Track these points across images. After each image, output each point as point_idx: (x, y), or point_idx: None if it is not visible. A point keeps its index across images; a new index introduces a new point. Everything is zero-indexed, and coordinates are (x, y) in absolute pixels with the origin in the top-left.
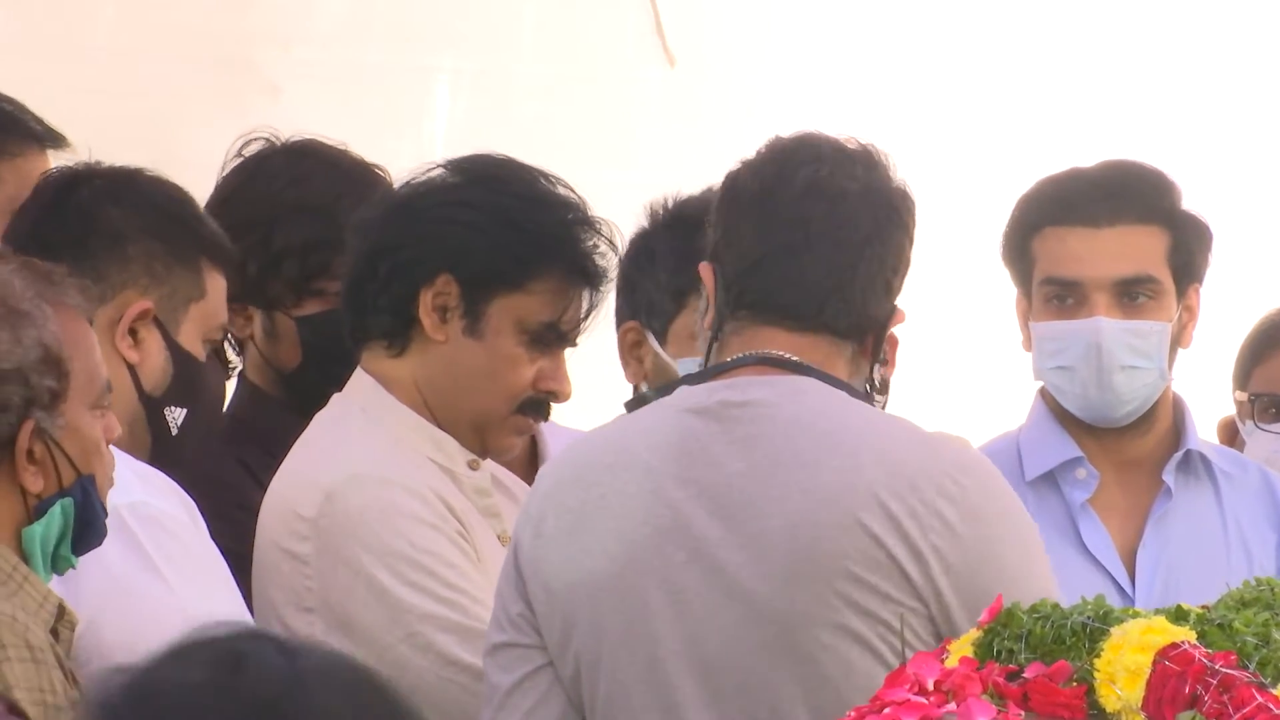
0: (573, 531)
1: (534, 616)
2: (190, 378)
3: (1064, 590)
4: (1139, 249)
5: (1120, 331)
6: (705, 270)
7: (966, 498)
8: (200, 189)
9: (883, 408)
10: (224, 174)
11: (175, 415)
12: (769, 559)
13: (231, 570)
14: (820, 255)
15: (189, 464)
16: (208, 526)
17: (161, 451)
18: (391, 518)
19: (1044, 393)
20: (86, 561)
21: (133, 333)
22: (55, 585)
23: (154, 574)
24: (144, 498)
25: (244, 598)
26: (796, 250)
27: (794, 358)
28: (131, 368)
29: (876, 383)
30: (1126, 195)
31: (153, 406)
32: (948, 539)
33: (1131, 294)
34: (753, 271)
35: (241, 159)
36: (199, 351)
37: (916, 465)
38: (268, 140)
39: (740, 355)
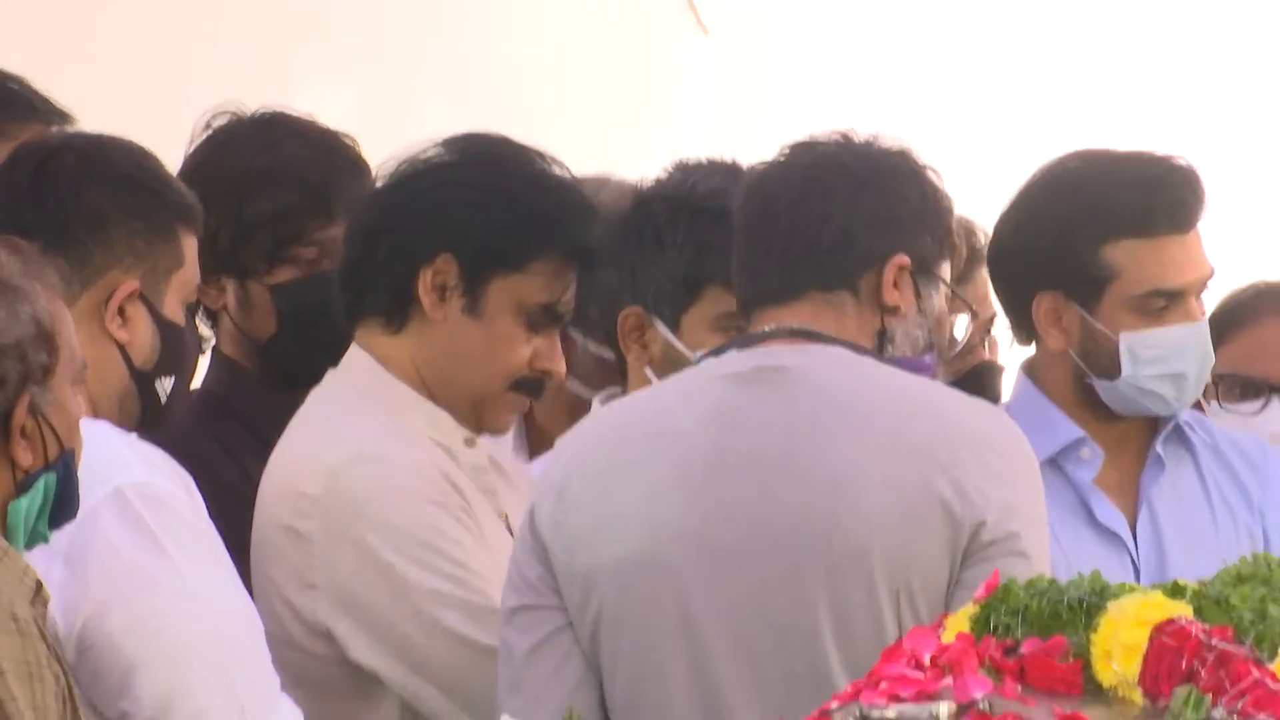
0: (600, 494)
1: (553, 579)
2: (177, 347)
3: (1085, 569)
4: (1203, 247)
5: (1207, 327)
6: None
7: (1013, 459)
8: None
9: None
10: (191, 148)
11: (165, 385)
12: (809, 516)
13: None
14: (781, 227)
15: (168, 438)
16: None
17: (150, 419)
18: (397, 496)
19: (1031, 373)
20: (93, 545)
21: (121, 312)
22: (60, 569)
23: (162, 556)
24: (147, 478)
25: None
26: (765, 233)
27: (820, 330)
28: (122, 347)
29: (890, 333)
30: (1193, 191)
31: (144, 380)
32: (993, 483)
33: (1200, 293)
34: (741, 273)
35: (209, 131)
36: (180, 318)
37: (964, 423)
38: (233, 113)
39: (764, 330)
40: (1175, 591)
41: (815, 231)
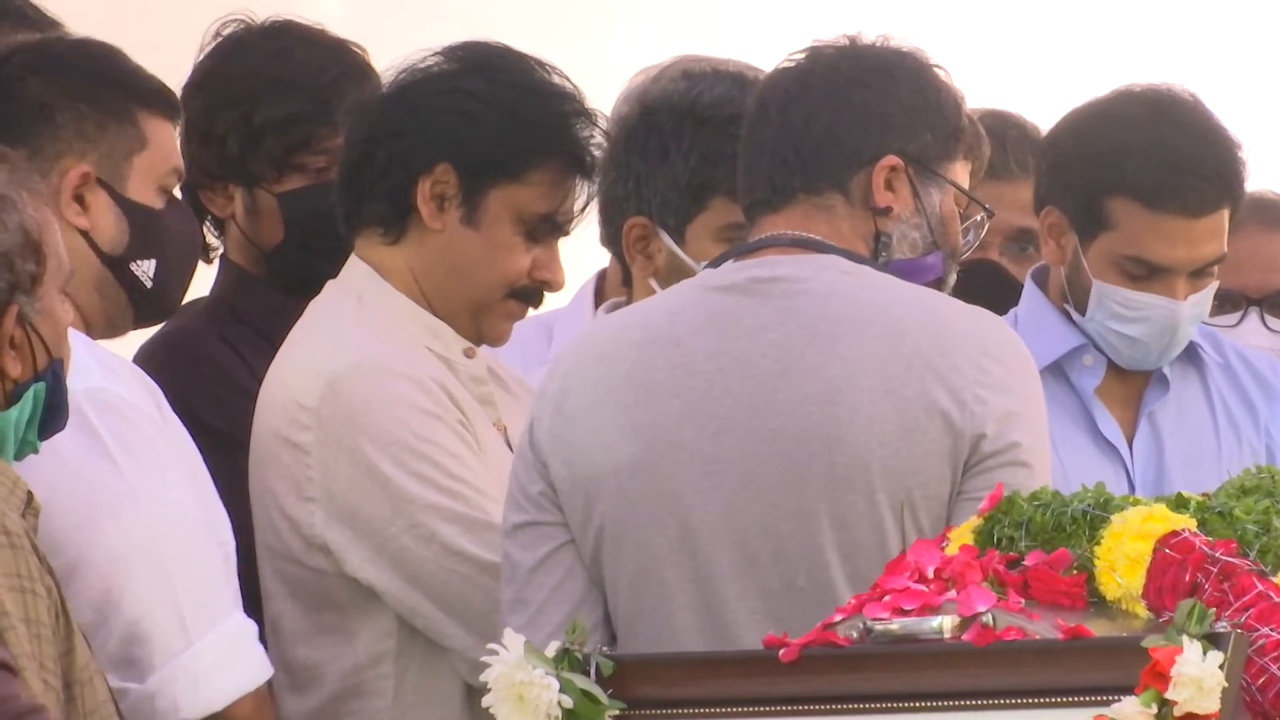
0: (597, 407)
1: (555, 494)
2: (149, 228)
3: (1081, 478)
4: (1220, 232)
5: (1191, 308)
6: None
7: (1011, 363)
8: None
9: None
10: (201, 56)
11: (144, 268)
12: (807, 426)
13: (223, 451)
14: (771, 132)
15: (177, 342)
16: (199, 407)
17: (144, 306)
18: (395, 407)
19: (1038, 280)
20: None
21: (80, 199)
22: None
23: (106, 459)
24: (102, 383)
25: (235, 477)
26: (759, 139)
27: (815, 236)
28: (85, 234)
29: (885, 237)
30: (1222, 183)
31: (117, 265)
32: (992, 390)
33: (1205, 272)
34: (741, 182)
35: (219, 39)
36: (154, 200)
37: (961, 329)
38: (243, 22)
39: (759, 239)
40: (1179, 504)
41: (801, 134)
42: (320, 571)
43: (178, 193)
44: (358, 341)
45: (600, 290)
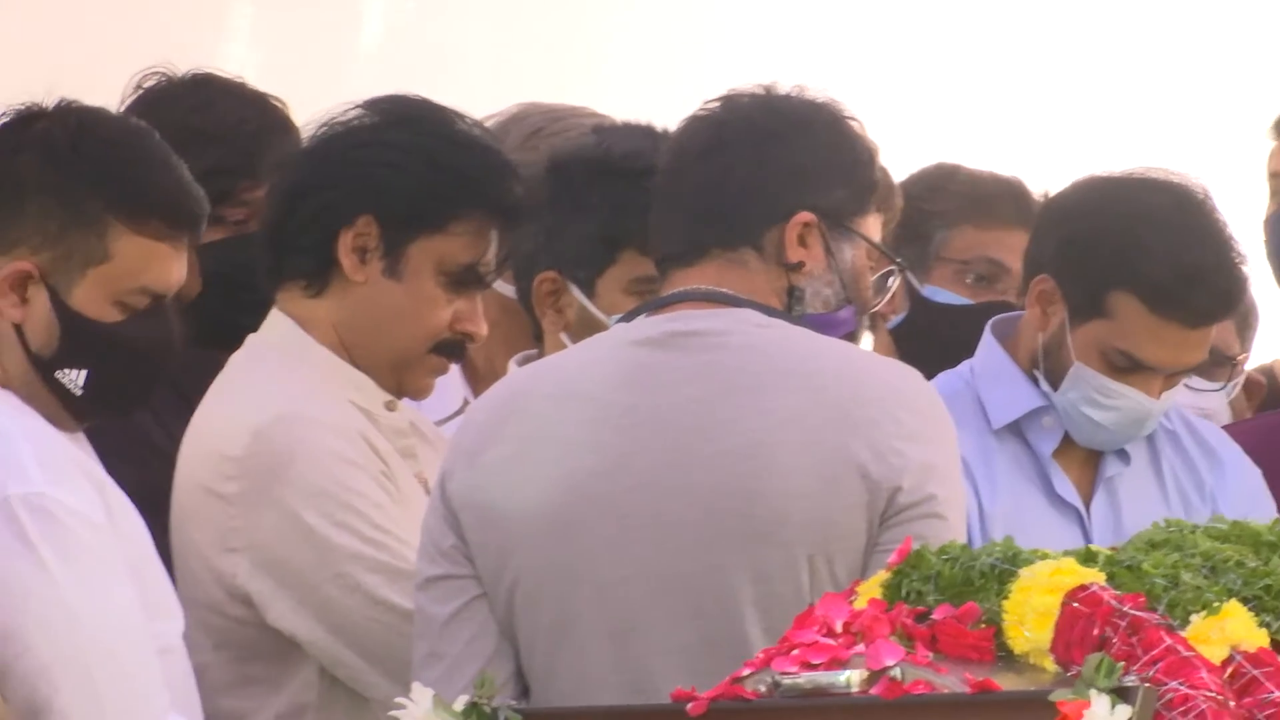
0: (512, 462)
1: (467, 548)
2: (83, 340)
3: (1040, 538)
4: (1209, 339)
5: (1161, 404)
6: None
7: (928, 416)
8: None
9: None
10: (122, 107)
11: (73, 377)
12: (725, 480)
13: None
14: (685, 186)
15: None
16: (112, 469)
17: (81, 410)
18: (319, 458)
19: (998, 334)
20: None
21: (22, 291)
22: None
23: (39, 569)
24: (42, 488)
25: (154, 539)
26: (671, 191)
27: (729, 291)
28: (17, 327)
29: (798, 291)
30: (1227, 299)
31: (43, 368)
32: (909, 442)
33: (1178, 374)
34: (653, 234)
35: (140, 91)
36: (102, 314)
37: (878, 381)
38: (164, 74)
39: (672, 293)
40: (1088, 558)
41: (716, 189)
42: (243, 622)
43: None
44: (281, 393)
45: None
